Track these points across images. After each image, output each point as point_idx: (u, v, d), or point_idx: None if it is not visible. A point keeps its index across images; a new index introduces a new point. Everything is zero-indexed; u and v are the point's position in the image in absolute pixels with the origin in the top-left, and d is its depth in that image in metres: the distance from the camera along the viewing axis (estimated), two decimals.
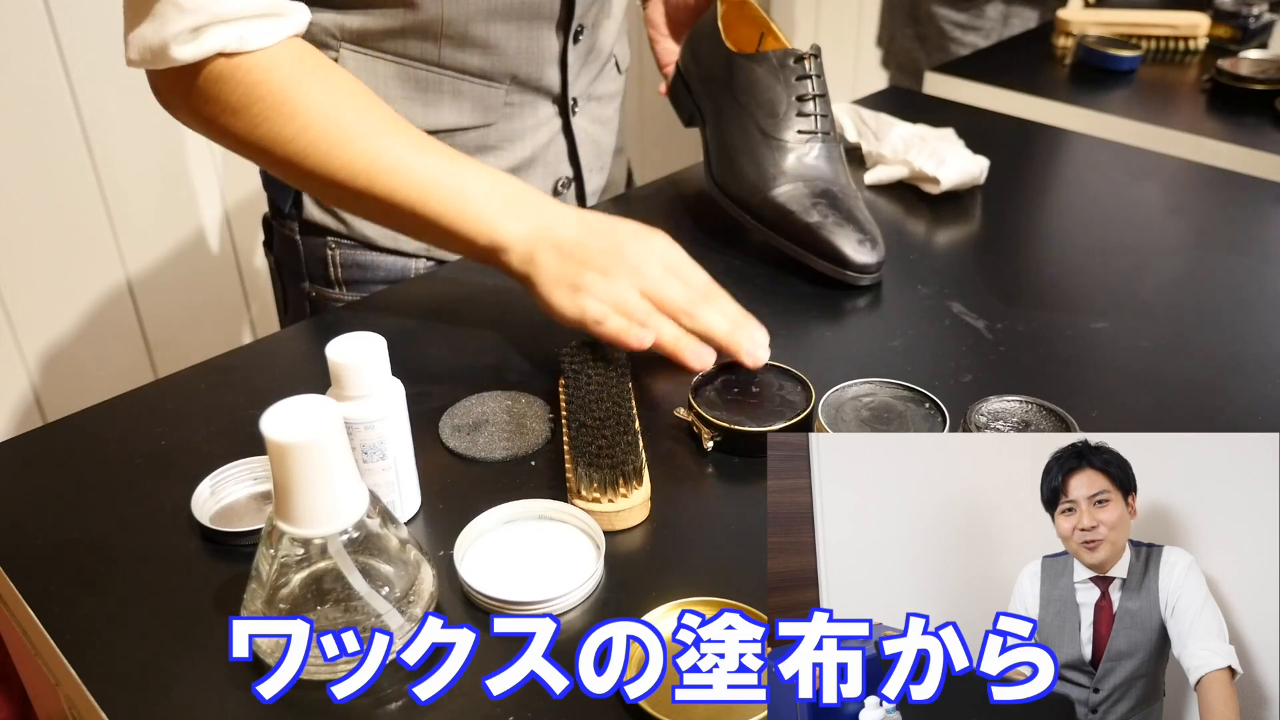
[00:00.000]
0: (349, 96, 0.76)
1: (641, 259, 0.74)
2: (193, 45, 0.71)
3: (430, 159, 0.75)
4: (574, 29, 0.91)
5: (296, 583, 0.54)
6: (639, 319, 0.72)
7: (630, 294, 0.73)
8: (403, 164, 0.74)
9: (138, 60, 0.73)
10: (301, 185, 0.80)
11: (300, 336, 0.87)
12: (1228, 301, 0.88)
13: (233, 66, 0.73)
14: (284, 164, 0.76)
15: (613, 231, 0.75)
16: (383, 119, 0.76)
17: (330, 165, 0.75)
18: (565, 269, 0.73)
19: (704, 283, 0.76)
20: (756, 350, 0.73)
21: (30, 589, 0.60)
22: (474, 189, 0.75)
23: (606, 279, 0.73)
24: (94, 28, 1.47)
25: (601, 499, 0.63)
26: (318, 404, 0.51)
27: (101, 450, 0.71)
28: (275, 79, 0.73)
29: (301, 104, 0.74)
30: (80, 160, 1.53)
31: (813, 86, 0.91)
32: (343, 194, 0.76)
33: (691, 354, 0.72)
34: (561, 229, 0.75)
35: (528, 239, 0.74)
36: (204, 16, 0.70)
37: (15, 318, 1.56)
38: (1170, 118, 1.31)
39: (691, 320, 0.73)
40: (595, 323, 0.72)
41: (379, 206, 0.76)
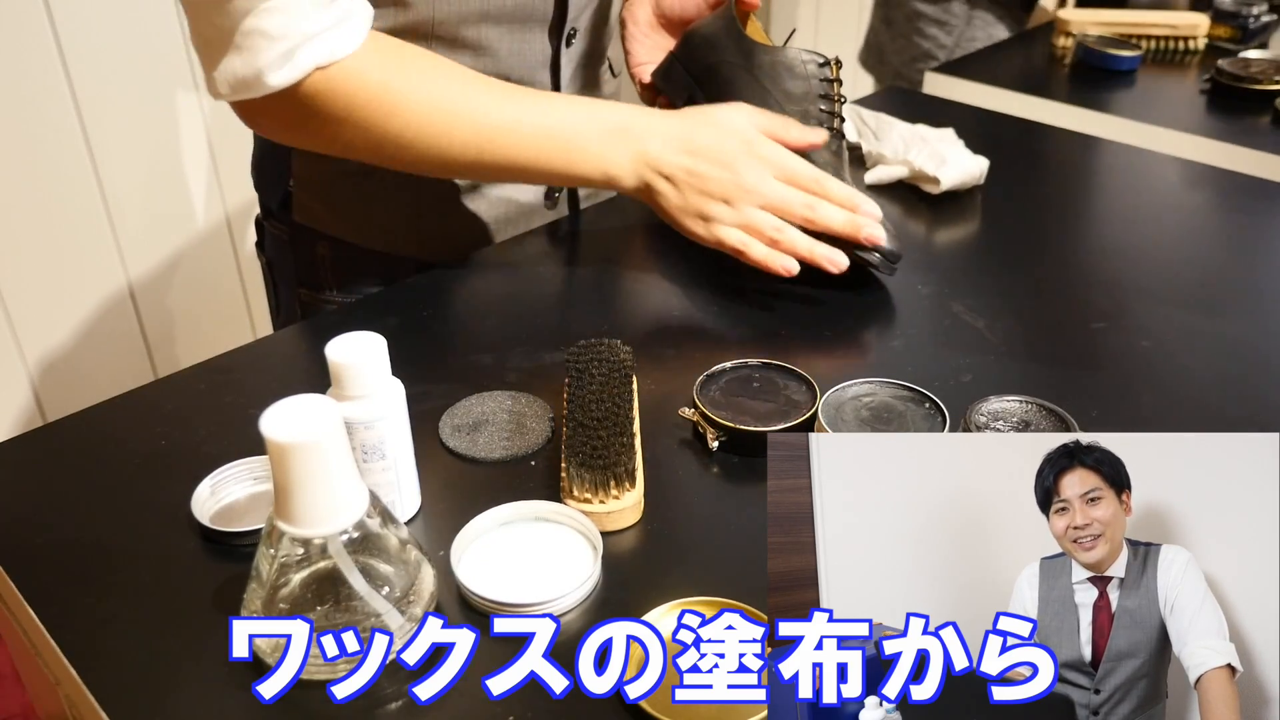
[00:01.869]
0: (438, 75, 0.80)
1: (756, 178, 0.82)
2: (290, 69, 0.72)
3: (530, 113, 0.80)
4: (566, 32, 0.91)
5: (296, 583, 0.54)
6: (770, 236, 0.82)
7: (757, 214, 0.82)
8: (506, 126, 0.80)
9: (228, 94, 0.74)
10: (416, 169, 0.83)
11: (299, 337, 0.87)
12: (1228, 301, 0.88)
13: (328, 78, 0.74)
14: (396, 157, 0.80)
15: (720, 152, 0.82)
16: (475, 87, 0.80)
17: (440, 146, 0.79)
18: (688, 200, 0.83)
19: (811, 176, 0.84)
20: (874, 232, 0.83)
21: (30, 589, 0.60)
22: (576, 132, 0.81)
23: (733, 207, 0.82)
24: (94, 28, 1.47)
25: (593, 499, 0.63)
26: (318, 404, 0.51)
27: (101, 450, 0.71)
28: (371, 81, 0.76)
29: (401, 98, 0.77)
30: (80, 160, 1.53)
31: (836, 90, 0.92)
32: (457, 168, 0.83)
33: (826, 261, 0.82)
34: (665, 155, 0.82)
35: (635, 167, 0.82)
36: (294, 39, 0.71)
37: (15, 318, 1.56)
38: (1170, 118, 1.31)
39: (813, 223, 0.83)
40: (737, 252, 0.82)
41: (494, 170, 0.82)
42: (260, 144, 0.98)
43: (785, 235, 0.82)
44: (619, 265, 0.95)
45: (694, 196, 0.82)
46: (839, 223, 0.82)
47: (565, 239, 0.99)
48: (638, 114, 0.84)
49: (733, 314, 0.85)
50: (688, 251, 0.90)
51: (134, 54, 1.53)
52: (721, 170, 0.82)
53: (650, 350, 0.80)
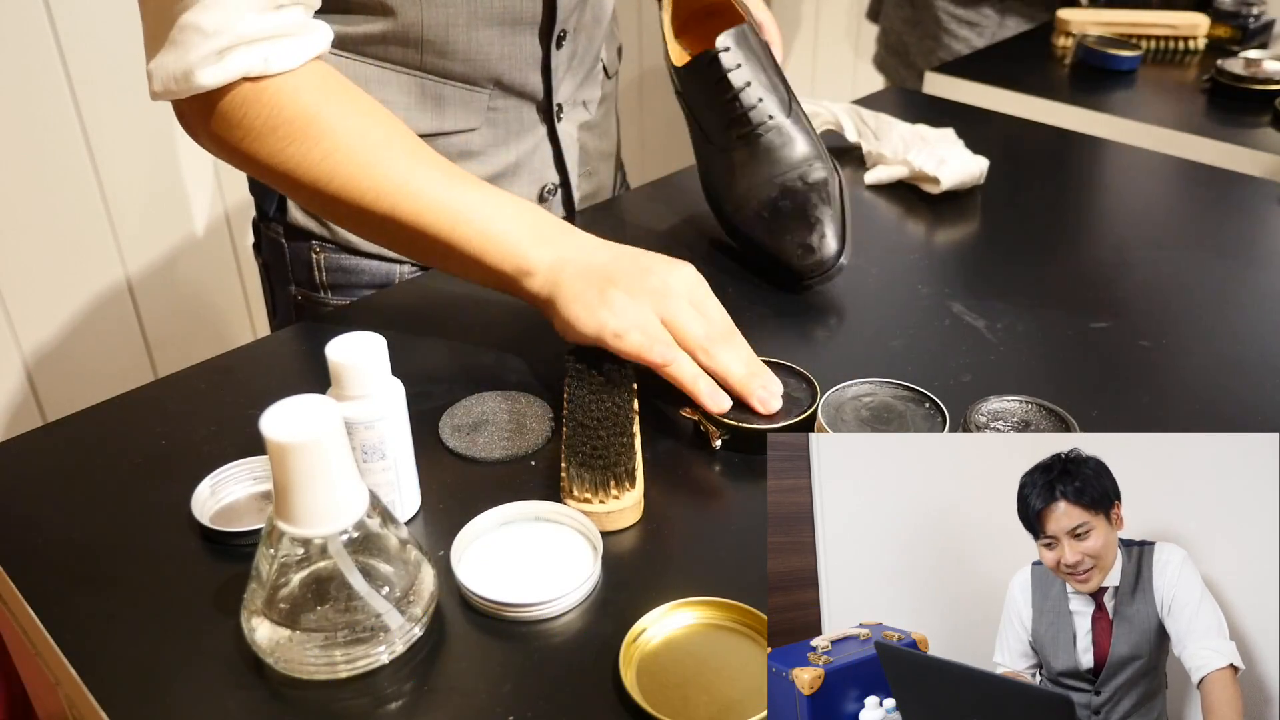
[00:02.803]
0: (375, 121, 0.75)
1: (667, 287, 0.73)
2: (218, 69, 0.70)
3: (457, 186, 0.75)
4: (556, 34, 0.91)
5: (296, 582, 0.54)
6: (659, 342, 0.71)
7: (651, 318, 0.72)
8: (428, 189, 0.74)
9: (161, 91, 0.73)
10: (326, 211, 0.79)
11: (300, 337, 0.87)
12: (1228, 301, 0.88)
13: (257, 90, 0.72)
14: (309, 189, 0.75)
15: (641, 258, 0.75)
16: (409, 145, 0.75)
17: (355, 190, 0.74)
18: (588, 288, 0.73)
19: (724, 322, 0.75)
20: (769, 399, 0.71)
21: (30, 589, 0.60)
22: (500, 216, 0.75)
23: (630, 299, 0.72)
24: (94, 28, 1.47)
25: (593, 499, 0.63)
26: (318, 404, 0.51)
27: (101, 450, 0.71)
28: (300, 102, 0.73)
29: (327, 127, 0.73)
30: (80, 160, 1.53)
31: (732, 82, 0.86)
32: (368, 219, 0.76)
33: (708, 394, 0.70)
34: (588, 254, 0.75)
35: (553, 265, 0.74)
36: (228, 39, 0.69)
37: (15, 318, 1.56)
38: (1170, 118, 1.31)
39: (709, 359, 0.72)
40: (615, 336, 0.71)
41: (404, 232, 0.75)
42: None
43: (672, 353, 0.71)
44: None
45: (595, 285, 0.72)
46: (736, 375, 0.71)
47: None
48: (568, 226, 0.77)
49: (732, 314, 0.85)
50: (687, 252, 0.90)
51: (134, 54, 1.52)
52: (635, 269, 0.74)
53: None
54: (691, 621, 0.57)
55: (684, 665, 0.54)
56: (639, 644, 0.55)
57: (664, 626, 0.56)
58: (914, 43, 1.74)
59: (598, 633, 0.57)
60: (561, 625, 0.57)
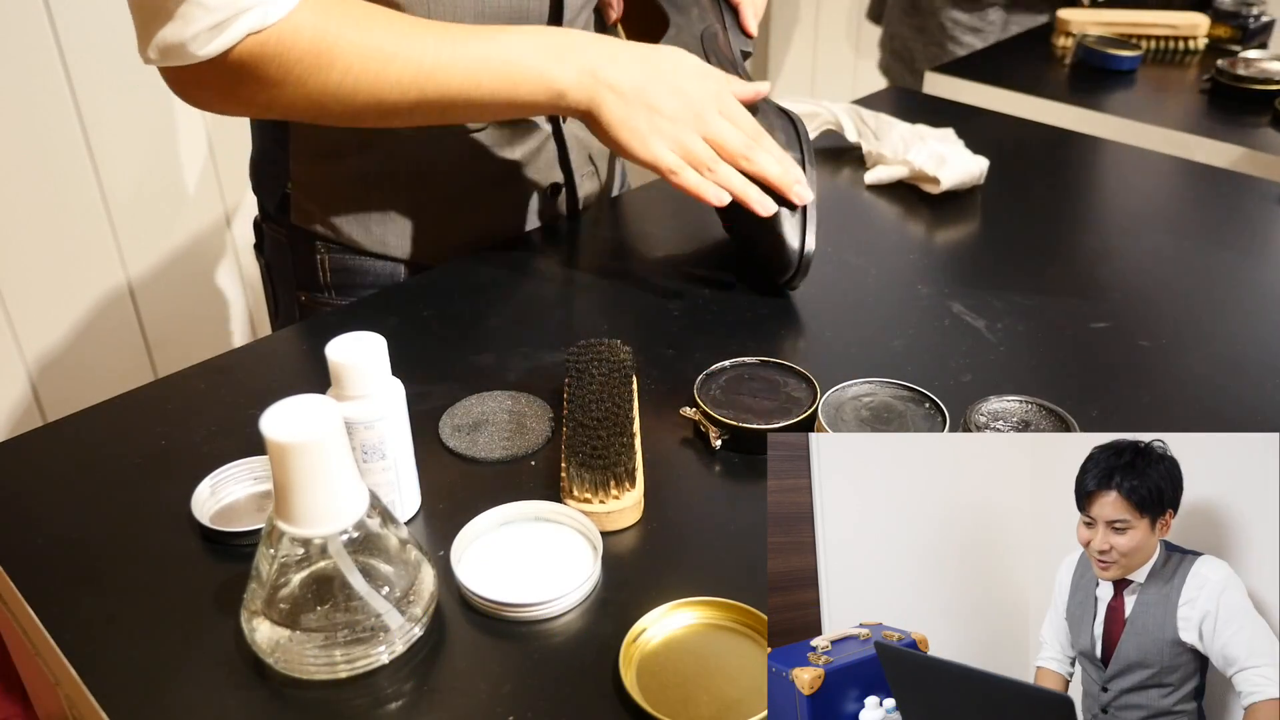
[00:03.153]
0: (374, 21, 0.77)
1: (702, 104, 0.81)
2: (221, 38, 0.71)
3: (467, 44, 0.78)
4: None
5: (296, 583, 0.54)
6: (705, 164, 0.81)
7: (696, 141, 0.81)
8: (443, 60, 0.77)
9: (157, 59, 0.73)
10: (360, 121, 0.81)
11: (300, 337, 0.87)
12: (1227, 301, 0.88)
13: (260, 43, 0.73)
14: (337, 110, 0.78)
15: (671, 73, 0.81)
16: (412, 28, 0.77)
17: (381, 91, 0.76)
18: (631, 113, 0.80)
19: (753, 125, 0.84)
20: (805, 191, 0.83)
21: (30, 589, 0.60)
22: (516, 53, 0.78)
23: (674, 125, 0.80)
24: (94, 28, 1.47)
25: (593, 499, 0.63)
26: (318, 404, 0.51)
27: (101, 450, 0.71)
28: (304, 38, 0.74)
29: (337, 48, 0.75)
30: (80, 160, 1.53)
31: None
32: (402, 111, 0.79)
33: (758, 201, 0.82)
34: (617, 70, 0.80)
35: (581, 79, 0.79)
36: (228, 11, 0.70)
37: (15, 318, 1.56)
38: (1170, 118, 1.31)
39: (749, 163, 0.82)
40: (670, 172, 0.80)
41: (439, 107, 0.79)
42: (258, 146, 0.98)
43: (720, 170, 0.82)
44: (619, 265, 0.95)
45: (639, 109, 0.80)
46: (774, 172, 0.82)
47: (565, 239, 0.99)
48: (587, 35, 0.82)
49: (732, 314, 0.85)
50: (688, 252, 0.90)
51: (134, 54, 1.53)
52: (670, 91, 0.81)
53: (650, 350, 0.80)
54: (691, 621, 0.57)
55: (684, 665, 0.54)
56: (639, 644, 0.55)
57: (664, 626, 0.56)
58: (919, 49, 1.75)
59: (598, 633, 0.57)
60: (561, 625, 0.57)
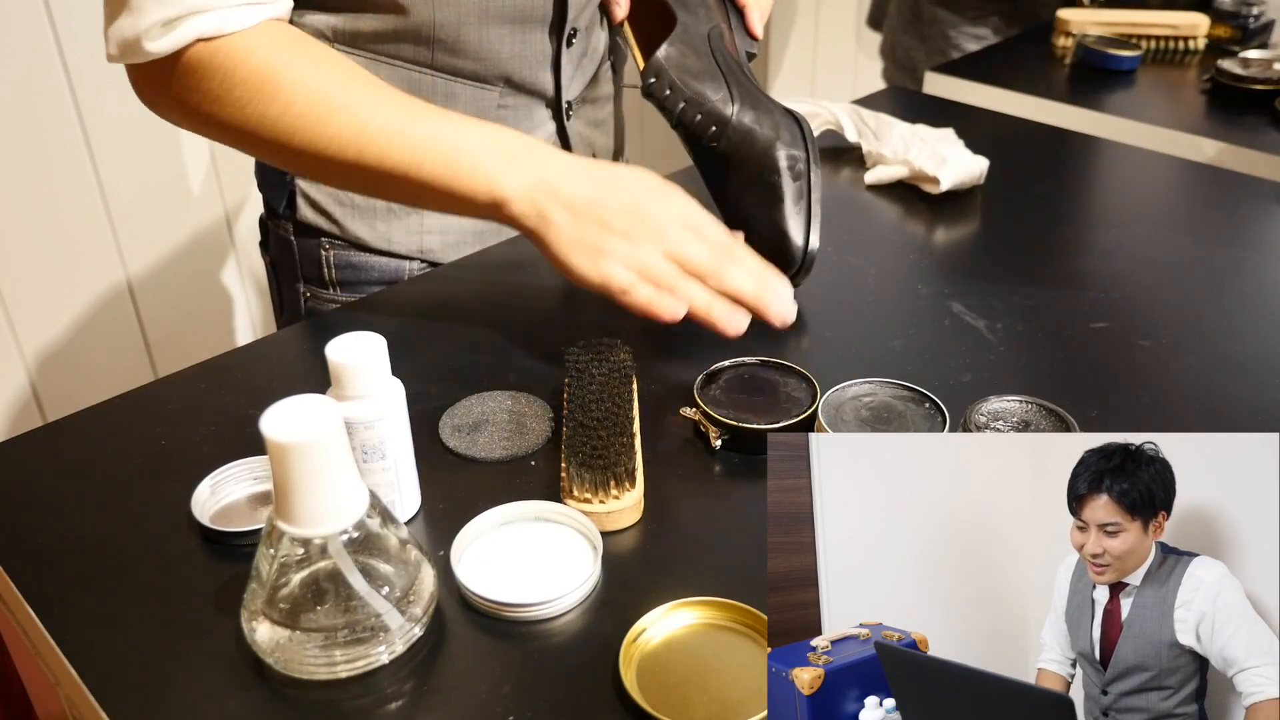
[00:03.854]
0: (331, 68, 0.74)
1: (663, 220, 0.72)
2: (168, 37, 0.70)
3: (419, 121, 0.73)
4: (567, 32, 0.91)
5: (296, 583, 0.54)
6: (666, 284, 0.71)
7: (655, 258, 0.71)
8: (392, 129, 0.72)
9: (116, 55, 0.72)
10: (293, 166, 0.77)
11: (300, 337, 0.87)
12: (1227, 301, 0.88)
13: (210, 51, 0.71)
14: (273, 146, 0.74)
15: (629, 189, 0.73)
16: (367, 87, 0.74)
17: (318, 140, 0.72)
18: (583, 231, 0.71)
19: (725, 240, 0.74)
20: (785, 309, 0.72)
21: (30, 589, 0.60)
22: (468, 145, 0.73)
23: (629, 243, 0.71)
24: (94, 28, 1.47)
25: (593, 499, 0.63)
26: (318, 404, 0.51)
27: (101, 450, 0.71)
28: (254, 60, 0.71)
29: (284, 81, 0.71)
30: (80, 159, 1.53)
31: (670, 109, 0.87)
32: (335, 168, 0.74)
33: (725, 320, 0.71)
34: (570, 184, 0.72)
35: (530, 191, 0.72)
36: (182, 7, 0.69)
37: (15, 318, 1.56)
38: (1170, 118, 1.31)
39: (719, 281, 0.72)
40: (622, 292, 0.71)
41: (373, 177, 0.74)
42: None
43: (683, 287, 0.72)
44: None
45: (589, 228, 0.72)
46: (748, 289, 0.72)
47: None
48: (547, 148, 0.75)
49: None
50: None
51: None
52: (627, 204, 0.72)
53: (650, 350, 0.80)
54: (691, 621, 0.57)
55: (684, 665, 0.54)
56: (639, 644, 0.55)
57: (664, 626, 0.56)
58: (922, 60, 1.75)
59: (598, 633, 0.57)
60: (561, 625, 0.57)
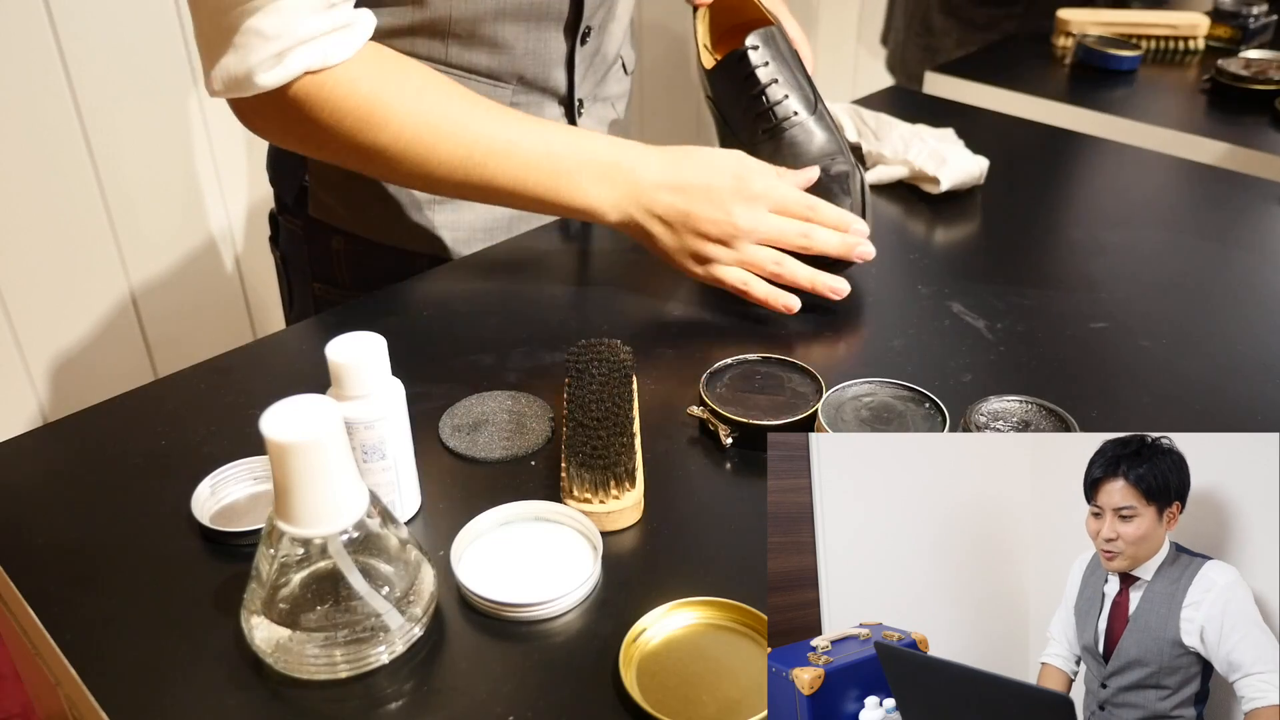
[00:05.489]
0: (432, 92, 0.79)
1: (752, 216, 0.81)
2: (278, 70, 0.72)
3: (520, 140, 0.79)
4: (582, 30, 0.91)
5: (296, 582, 0.54)
6: (770, 271, 0.82)
7: (755, 251, 0.82)
8: (495, 150, 0.79)
9: (221, 91, 0.75)
10: (402, 184, 0.83)
11: (301, 336, 0.87)
12: (1227, 301, 0.88)
13: (318, 84, 0.74)
14: (384, 170, 0.80)
15: (712, 191, 0.81)
16: (464, 107, 0.79)
17: (427, 164, 0.79)
18: (684, 241, 0.82)
19: (803, 204, 0.83)
20: (866, 252, 0.84)
21: (30, 589, 0.60)
22: (564, 164, 0.80)
23: (730, 248, 0.82)
24: (95, 29, 1.47)
25: (593, 499, 0.63)
26: (318, 404, 0.51)
27: (101, 450, 0.71)
28: (361, 91, 0.75)
29: (392, 111, 0.76)
30: (81, 160, 1.53)
31: (759, 78, 0.89)
32: (446, 187, 0.81)
33: (827, 290, 0.83)
34: (658, 197, 0.81)
35: (622, 204, 0.81)
36: (288, 41, 0.71)
37: (16, 318, 1.56)
38: (1170, 118, 1.31)
39: (809, 249, 0.83)
40: (740, 291, 0.83)
41: (482, 193, 0.81)
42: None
43: (785, 267, 0.83)
44: (619, 265, 0.95)
45: (689, 238, 0.82)
46: (834, 247, 0.83)
47: (566, 239, 0.99)
48: (629, 150, 0.82)
49: (731, 314, 0.85)
50: None
51: (135, 55, 1.53)
52: (715, 210, 0.81)
53: (650, 350, 0.80)
54: (691, 621, 0.57)
55: (684, 665, 0.54)
56: (639, 644, 0.55)
57: (664, 626, 0.56)
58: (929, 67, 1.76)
59: (598, 633, 0.57)
60: (561, 625, 0.57)
